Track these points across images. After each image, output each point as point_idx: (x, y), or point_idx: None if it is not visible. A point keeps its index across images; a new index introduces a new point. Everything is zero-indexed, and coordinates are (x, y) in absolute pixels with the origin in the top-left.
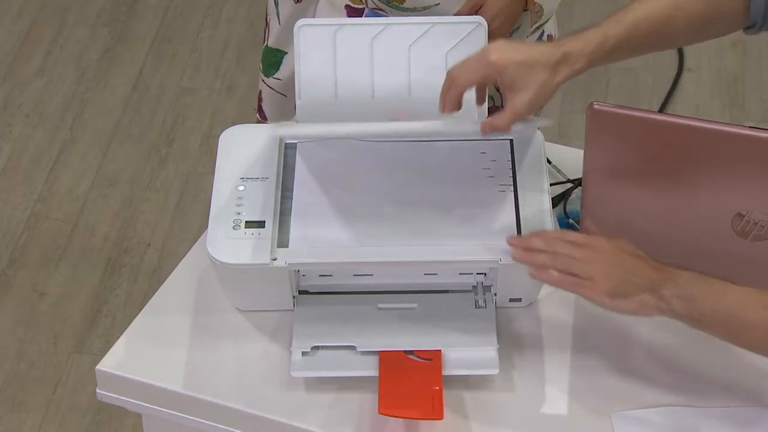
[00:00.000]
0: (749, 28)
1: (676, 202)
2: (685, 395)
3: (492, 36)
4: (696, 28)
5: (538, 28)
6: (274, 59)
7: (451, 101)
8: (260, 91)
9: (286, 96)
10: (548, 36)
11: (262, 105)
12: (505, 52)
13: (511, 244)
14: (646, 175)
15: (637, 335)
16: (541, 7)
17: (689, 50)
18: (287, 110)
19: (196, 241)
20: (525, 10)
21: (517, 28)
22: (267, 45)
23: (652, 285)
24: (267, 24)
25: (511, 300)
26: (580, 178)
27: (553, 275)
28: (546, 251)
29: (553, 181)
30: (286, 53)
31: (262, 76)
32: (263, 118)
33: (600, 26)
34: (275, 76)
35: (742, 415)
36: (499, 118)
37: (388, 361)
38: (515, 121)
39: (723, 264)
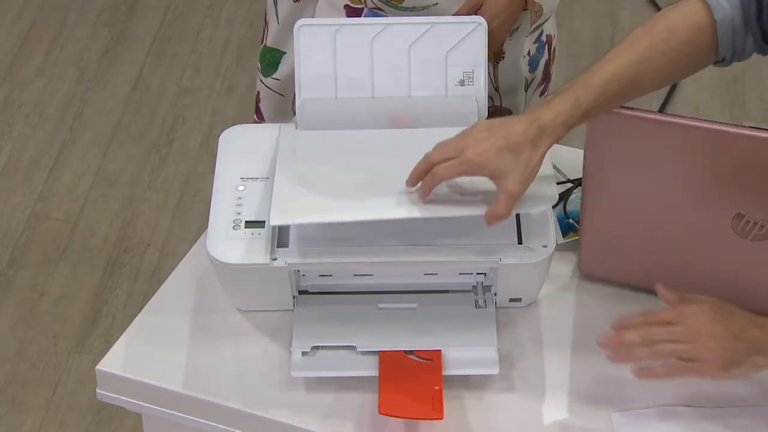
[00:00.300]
0: (718, 62)
1: (676, 201)
2: (686, 395)
3: (492, 36)
4: (666, 77)
5: (537, 27)
6: (272, 59)
7: (425, 190)
8: (258, 92)
9: (284, 96)
10: (547, 36)
11: (260, 105)
12: (482, 144)
13: (603, 346)
14: (645, 175)
15: None
16: (541, 7)
17: None
18: (285, 110)
19: (196, 241)
20: (525, 10)
21: (517, 27)
22: (265, 44)
23: (760, 346)
24: (266, 23)
25: (511, 300)
26: (580, 178)
27: (661, 370)
28: (643, 343)
29: None
30: (285, 53)
31: (260, 76)
32: (260, 119)
33: (570, 91)
34: (273, 75)
35: (741, 416)
36: (499, 207)
37: (388, 361)
38: (514, 204)
39: (723, 264)
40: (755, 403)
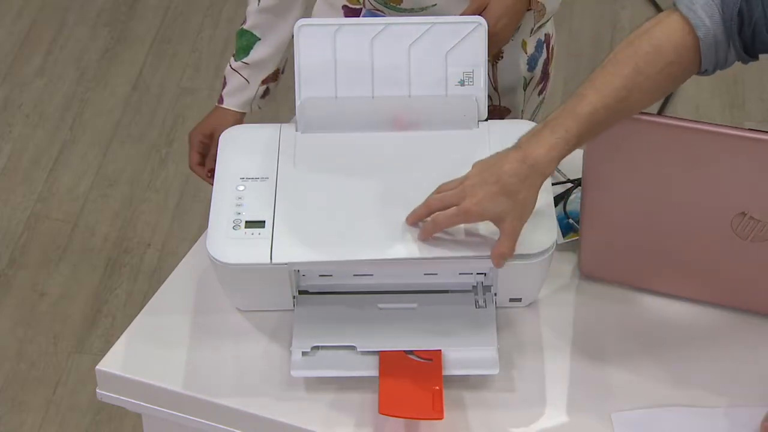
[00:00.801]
0: (700, 73)
1: (676, 202)
2: (685, 395)
3: (496, 37)
4: (652, 97)
5: (539, 27)
6: (246, 43)
7: (424, 235)
8: (224, 76)
9: (248, 82)
10: (545, 35)
11: (224, 90)
12: (478, 192)
13: None
14: (645, 176)
15: (637, 335)
16: (544, 7)
17: None
18: (247, 97)
19: (196, 241)
20: (528, 10)
21: (517, 27)
22: (242, 27)
23: None
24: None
25: (511, 300)
26: (580, 178)
27: None
28: None
29: (553, 181)
30: (259, 39)
31: (232, 59)
32: (220, 103)
33: (558, 121)
34: (243, 59)
35: (741, 416)
36: (502, 247)
37: (388, 361)
38: (516, 241)
39: (723, 264)
40: (755, 402)
